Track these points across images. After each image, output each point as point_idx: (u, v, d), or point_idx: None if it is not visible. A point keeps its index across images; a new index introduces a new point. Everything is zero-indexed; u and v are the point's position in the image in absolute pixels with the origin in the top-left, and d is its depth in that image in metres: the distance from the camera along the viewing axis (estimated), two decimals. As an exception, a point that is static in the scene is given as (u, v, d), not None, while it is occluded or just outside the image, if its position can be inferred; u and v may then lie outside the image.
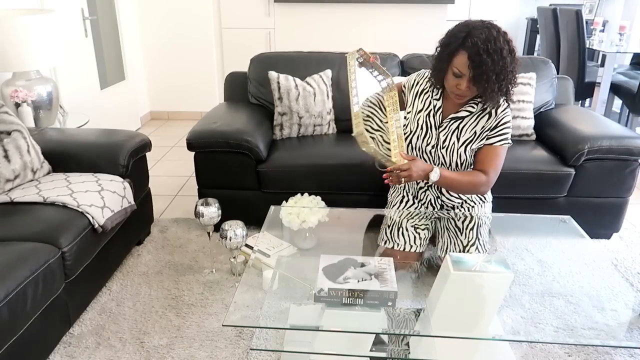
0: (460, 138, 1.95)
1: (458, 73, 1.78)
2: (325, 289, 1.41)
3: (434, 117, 1.98)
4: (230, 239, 2.19)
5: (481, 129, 1.93)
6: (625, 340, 1.40)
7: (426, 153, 2.01)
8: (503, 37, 1.74)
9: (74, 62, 3.51)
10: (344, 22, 4.52)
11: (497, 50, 1.71)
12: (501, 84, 1.77)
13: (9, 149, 2.05)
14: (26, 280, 1.58)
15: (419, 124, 2.00)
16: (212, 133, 2.52)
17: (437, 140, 1.98)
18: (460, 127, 1.95)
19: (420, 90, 2.03)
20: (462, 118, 1.94)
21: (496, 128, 1.92)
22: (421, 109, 2.01)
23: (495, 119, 1.92)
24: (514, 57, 1.77)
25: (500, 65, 1.73)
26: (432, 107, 1.98)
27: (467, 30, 1.75)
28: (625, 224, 2.87)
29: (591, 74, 4.36)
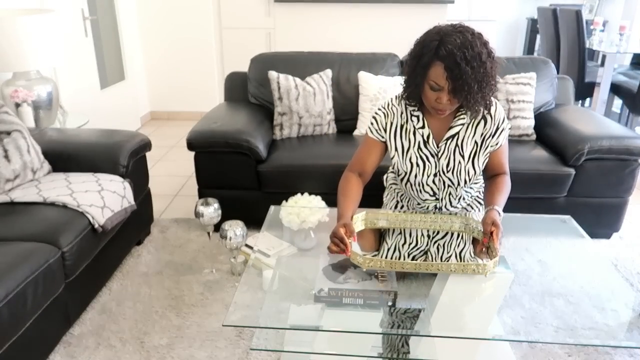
0: (465, 154, 1.77)
1: (436, 86, 1.57)
2: (325, 289, 1.40)
3: (426, 147, 1.77)
4: (230, 239, 2.19)
5: (481, 136, 1.77)
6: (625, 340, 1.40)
7: (427, 185, 1.82)
8: (479, 40, 1.56)
9: (74, 62, 3.50)
10: (344, 22, 4.51)
11: (476, 55, 1.53)
12: (484, 92, 1.60)
13: (9, 149, 2.05)
14: (26, 280, 1.58)
15: (413, 162, 1.79)
16: (212, 133, 2.52)
17: (438, 167, 1.78)
18: (459, 144, 1.76)
19: (399, 127, 1.78)
20: (458, 133, 1.75)
21: (497, 131, 1.77)
22: (408, 147, 1.78)
23: (492, 123, 1.76)
24: (493, 60, 1.60)
25: (481, 72, 1.55)
26: (421, 138, 1.77)
27: (439, 37, 1.55)
28: (625, 224, 2.87)
29: (591, 74, 4.36)
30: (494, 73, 1.62)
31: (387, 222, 1.73)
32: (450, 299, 1.44)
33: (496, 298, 1.50)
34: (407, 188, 1.88)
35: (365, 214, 1.72)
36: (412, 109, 1.77)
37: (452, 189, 1.82)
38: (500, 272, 1.48)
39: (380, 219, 1.73)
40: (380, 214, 1.73)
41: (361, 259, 1.44)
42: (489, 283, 1.47)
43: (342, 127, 2.96)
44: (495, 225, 1.57)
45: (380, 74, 2.94)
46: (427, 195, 1.85)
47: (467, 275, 1.43)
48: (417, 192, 1.86)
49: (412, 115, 1.77)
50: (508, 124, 1.80)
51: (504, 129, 1.78)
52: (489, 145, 1.78)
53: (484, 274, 1.42)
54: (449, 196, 1.85)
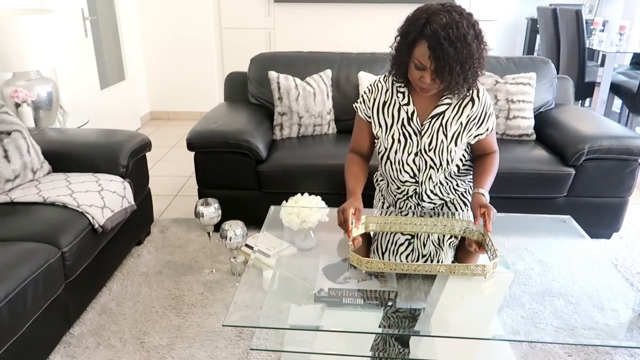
0: (448, 134, 1.75)
1: (420, 65, 1.55)
2: (325, 289, 1.40)
3: (409, 124, 1.75)
4: (230, 239, 2.19)
5: (467, 118, 1.74)
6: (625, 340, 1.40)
7: (408, 164, 1.80)
8: (467, 21, 1.52)
9: (74, 62, 3.51)
10: (344, 22, 4.51)
11: (460, 36, 1.49)
12: (467, 74, 1.56)
13: (9, 149, 2.05)
14: (26, 280, 1.58)
15: (395, 139, 1.77)
16: (212, 133, 2.52)
17: (420, 145, 1.77)
18: (444, 124, 1.74)
19: (382, 104, 1.78)
20: (443, 112, 1.73)
21: (485, 115, 1.76)
22: (392, 123, 1.77)
23: (480, 106, 1.73)
24: (480, 42, 1.55)
25: (465, 54, 1.51)
26: (405, 114, 1.75)
27: (427, 16, 1.53)
28: (625, 224, 2.87)
29: (591, 74, 4.36)
30: (479, 55, 1.57)
31: (387, 226, 1.73)
32: (450, 299, 1.44)
33: (496, 298, 1.50)
34: (387, 168, 1.86)
35: (365, 218, 1.71)
36: (398, 85, 1.75)
37: (432, 171, 1.81)
38: (500, 272, 1.48)
39: (379, 223, 1.72)
40: (379, 218, 1.73)
41: (360, 260, 1.44)
42: (489, 283, 1.46)
43: (342, 127, 2.96)
44: (484, 207, 1.59)
45: (380, 74, 2.94)
46: (407, 176, 1.84)
47: (467, 275, 1.43)
48: (396, 172, 1.84)
49: (397, 92, 1.76)
50: (493, 108, 1.80)
51: (491, 114, 1.78)
52: (477, 131, 1.78)
53: (483, 275, 1.42)
54: (429, 180, 1.84)
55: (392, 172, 1.86)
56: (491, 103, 1.79)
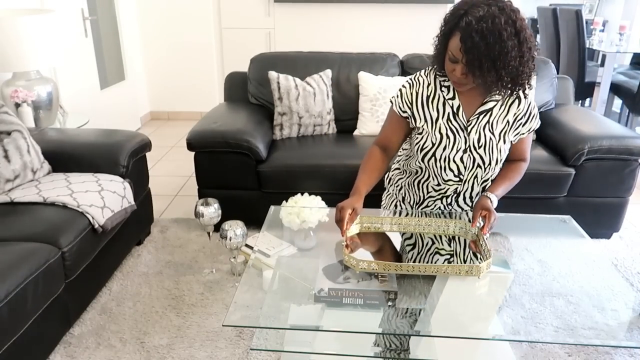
0: (495, 132, 1.68)
1: (452, 57, 1.53)
2: (325, 289, 1.40)
3: (455, 119, 1.69)
4: (230, 239, 2.19)
5: (513, 116, 1.69)
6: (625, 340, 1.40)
7: (455, 161, 1.71)
8: (507, 16, 1.45)
9: (74, 62, 3.51)
10: (344, 22, 4.51)
11: (495, 32, 1.43)
12: (500, 72, 1.49)
13: (9, 149, 2.05)
14: (26, 280, 1.58)
15: (442, 134, 1.69)
16: (212, 133, 2.52)
17: (469, 142, 1.69)
18: (491, 121, 1.68)
19: (425, 98, 1.71)
20: (491, 109, 1.67)
21: (529, 114, 1.70)
22: (437, 117, 1.70)
23: (525, 105, 1.68)
24: (521, 42, 1.47)
25: (497, 50, 1.45)
26: (450, 109, 1.69)
27: (467, 7, 1.49)
28: (625, 224, 2.87)
29: (591, 74, 4.36)
30: (520, 55, 1.49)
31: (384, 226, 1.73)
32: (450, 299, 1.44)
33: (496, 298, 1.50)
34: (430, 165, 1.75)
35: (359, 218, 1.71)
36: (442, 79, 1.69)
37: (479, 170, 1.73)
38: (500, 272, 1.48)
39: (375, 223, 1.72)
40: (375, 219, 1.73)
41: (354, 261, 1.44)
42: (489, 283, 1.46)
43: (342, 127, 2.96)
44: (486, 210, 1.59)
45: (380, 74, 2.94)
46: (452, 174, 1.75)
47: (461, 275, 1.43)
48: (441, 170, 1.75)
49: (442, 86, 1.70)
50: (537, 109, 1.74)
51: (536, 115, 1.72)
52: (520, 128, 1.72)
53: (477, 276, 1.42)
54: (474, 179, 1.76)
55: (435, 170, 1.76)
56: (535, 104, 1.73)
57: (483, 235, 1.56)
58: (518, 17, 1.48)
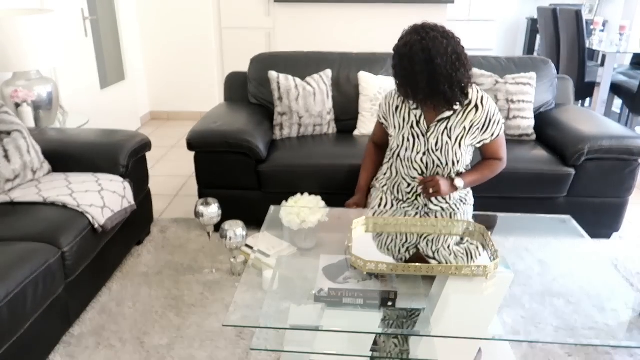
0: (452, 136, 1.94)
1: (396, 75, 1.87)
2: (325, 289, 1.41)
3: (418, 126, 1.97)
4: (230, 239, 2.19)
5: (470, 123, 1.93)
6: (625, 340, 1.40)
7: (416, 162, 2.01)
8: (424, 45, 1.73)
9: (74, 62, 3.50)
10: (344, 22, 4.51)
11: (408, 56, 1.75)
12: (414, 90, 1.81)
13: (9, 149, 2.05)
14: (26, 280, 1.58)
15: (405, 137, 2.00)
16: (212, 133, 2.52)
17: (427, 145, 1.97)
18: (448, 127, 1.94)
19: (395, 108, 2.03)
20: (449, 117, 1.93)
21: (490, 121, 1.93)
22: (402, 124, 2.00)
23: (483, 112, 1.92)
24: (433, 67, 1.74)
25: (408, 71, 1.78)
26: (414, 117, 1.98)
27: (403, 33, 1.82)
28: (625, 224, 2.87)
29: (591, 74, 4.36)
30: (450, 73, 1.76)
31: (388, 227, 1.73)
32: (450, 299, 1.44)
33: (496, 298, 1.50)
34: (398, 165, 2.06)
35: (365, 219, 1.72)
36: None
37: (439, 169, 2.00)
38: (500, 272, 1.48)
39: (380, 224, 1.73)
40: (380, 219, 1.73)
41: (361, 262, 1.44)
42: (489, 283, 1.46)
43: (342, 127, 2.96)
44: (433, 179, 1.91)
45: (380, 74, 2.94)
46: (416, 173, 2.03)
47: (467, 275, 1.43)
48: (407, 169, 2.04)
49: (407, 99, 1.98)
50: (502, 119, 1.98)
51: (498, 121, 1.95)
52: (482, 136, 1.97)
53: (485, 276, 1.42)
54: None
55: (402, 169, 2.05)
56: (496, 111, 1.95)
57: (489, 235, 1.56)
58: (437, 46, 1.74)
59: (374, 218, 1.73)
